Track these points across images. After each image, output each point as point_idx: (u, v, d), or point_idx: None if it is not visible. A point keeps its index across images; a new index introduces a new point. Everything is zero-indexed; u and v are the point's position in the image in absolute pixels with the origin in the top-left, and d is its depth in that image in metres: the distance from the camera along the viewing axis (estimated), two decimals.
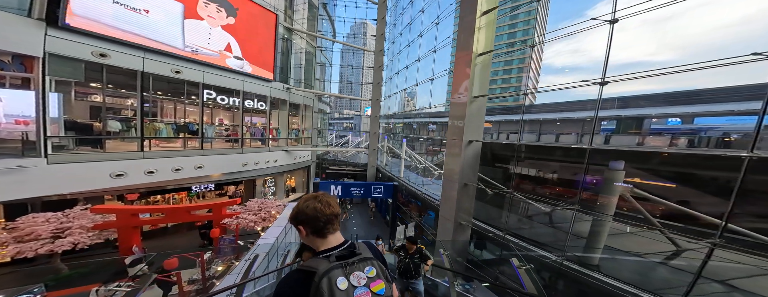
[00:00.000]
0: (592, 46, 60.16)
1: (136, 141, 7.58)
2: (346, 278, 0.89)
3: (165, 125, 8.34)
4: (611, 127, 17.30)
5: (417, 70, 14.49)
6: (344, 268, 0.91)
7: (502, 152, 7.68)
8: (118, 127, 7.26)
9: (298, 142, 16.26)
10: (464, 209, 7.36)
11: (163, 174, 7.92)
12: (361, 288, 0.89)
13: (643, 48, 35.74)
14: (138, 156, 7.47)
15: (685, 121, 14.61)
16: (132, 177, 7.23)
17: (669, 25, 40.62)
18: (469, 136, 7.08)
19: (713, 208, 3.70)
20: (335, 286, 0.84)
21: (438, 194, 11.07)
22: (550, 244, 5.81)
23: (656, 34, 35.32)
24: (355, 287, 0.88)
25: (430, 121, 31.24)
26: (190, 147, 9.38)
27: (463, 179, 7.21)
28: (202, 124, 9.33)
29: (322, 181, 9.13)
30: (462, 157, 7.10)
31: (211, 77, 9.92)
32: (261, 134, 12.67)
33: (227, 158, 10.23)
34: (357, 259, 0.96)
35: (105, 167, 6.77)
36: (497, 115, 24.89)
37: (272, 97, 13.31)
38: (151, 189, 8.96)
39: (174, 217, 7.07)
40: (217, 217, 7.64)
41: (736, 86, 9.81)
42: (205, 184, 9.97)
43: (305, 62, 18.00)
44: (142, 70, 7.76)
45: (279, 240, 7.04)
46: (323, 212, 0.96)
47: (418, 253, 3.65)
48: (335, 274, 0.88)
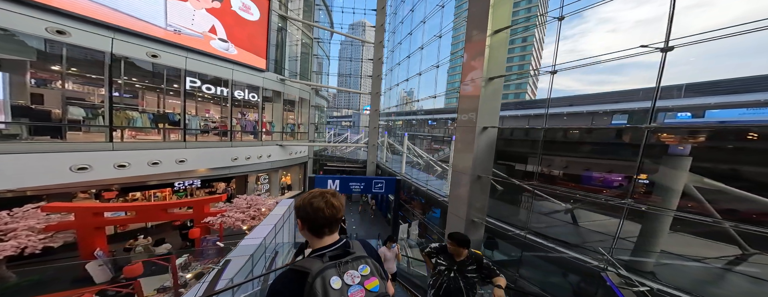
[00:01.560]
0: (590, 46, 59.28)
1: (105, 131, 6.61)
2: (340, 277, 0.87)
3: (140, 114, 7.38)
4: (623, 120, 16.42)
5: (420, 58, 13.54)
6: (338, 267, 0.89)
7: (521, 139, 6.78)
8: (82, 114, 6.29)
9: (293, 136, 15.30)
10: (477, 205, 6.45)
11: (138, 168, 6.96)
12: (356, 286, 0.87)
13: (633, 49, 35.35)
14: (106, 147, 6.50)
15: (696, 114, 13.73)
16: (99, 171, 6.27)
17: (664, 25, 40.25)
18: (484, 121, 6.17)
19: None
20: (329, 285, 0.83)
21: (442, 190, 10.20)
22: (582, 246, 4.91)
23: (653, 33, 34.89)
24: (349, 286, 0.87)
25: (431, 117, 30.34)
26: (171, 139, 8.42)
27: (476, 171, 6.29)
28: (185, 113, 8.37)
29: (318, 176, 8.20)
30: (475, 146, 6.19)
31: (195, 64, 8.95)
32: (253, 127, 11.71)
33: (214, 152, 9.27)
34: (351, 258, 0.94)
35: (65, 159, 5.81)
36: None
37: (265, 89, 12.35)
38: (128, 185, 8.00)
39: (146, 216, 6.14)
40: (199, 215, 6.71)
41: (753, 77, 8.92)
42: (190, 180, 9.02)
43: (301, 54, 17.05)
44: (110, 52, 6.79)
45: (268, 240, 6.11)
46: (323, 214, 0.95)
47: (474, 264, 2.21)
48: (329, 273, 0.86)
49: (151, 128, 7.64)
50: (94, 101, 7.14)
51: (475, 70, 6.22)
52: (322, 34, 19.80)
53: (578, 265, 4.60)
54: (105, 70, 6.73)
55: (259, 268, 5.24)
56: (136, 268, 4.21)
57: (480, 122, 6.15)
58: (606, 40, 41.74)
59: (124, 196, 8.65)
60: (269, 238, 6.28)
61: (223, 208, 7.39)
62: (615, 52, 3.92)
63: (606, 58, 4.10)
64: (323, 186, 8.22)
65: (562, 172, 6.66)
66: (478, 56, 6.13)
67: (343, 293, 0.84)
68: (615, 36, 43.95)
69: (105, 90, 6.68)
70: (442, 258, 2.29)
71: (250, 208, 7.88)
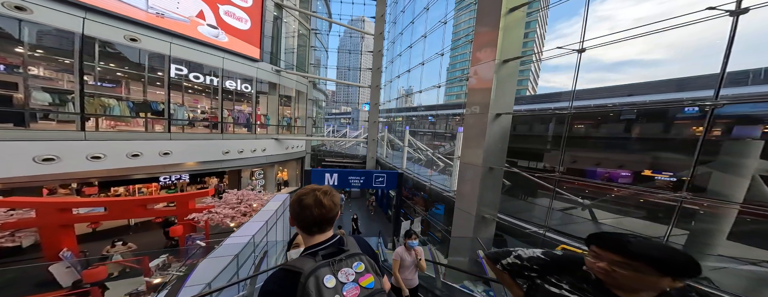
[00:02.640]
0: (588, 43, 58.27)
1: (76, 119, 5.92)
2: (334, 276, 0.84)
3: (118, 102, 6.68)
4: (631, 116, 15.75)
5: (423, 47, 12.82)
6: (331, 265, 0.85)
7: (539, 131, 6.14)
8: (48, 99, 5.59)
9: (290, 130, 14.62)
10: (488, 199, 5.83)
11: (114, 160, 6.29)
12: (350, 284, 0.84)
13: (634, 48, 35.09)
14: (77, 136, 5.82)
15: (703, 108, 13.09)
16: (68, 162, 5.60)
17: (658, 26, 39.84)
18: (498, 107, 5.52)
19: None
20: (322, 284, 0.80)
21: (446, 186, 9.59)
22: None
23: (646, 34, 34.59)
24: (344, 284, 0.83)
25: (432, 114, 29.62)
26: (156, 130, 7.74)
27: (487, 162, 5.66)
28: (169, 102, 7.67)
29: (314, 169, 7.56)
30: (487, 135, 5.55)
31: (181, 50, 8.22)
32: (246, 120, 11.02)
33: (204, 145, 8.59)
34: (344, 255, 0.89)
35: (27, 149, 5.13)
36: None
37: (259, 80, 11.64)
38: (109, 179, 7.33)
39: (120, 212, 5.49)
40: (182, 211, 6.06)
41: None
42: (178, 174, 8.35)
43: (298, 47, 16.29)
44: (81, 33, 6.07)
45: (257, 238, 5.49)
46: (311, 212, 0.90)
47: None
48: (322, 272, 0.82)
49: (130, 117, 6.94)
50: (63, 87, 6.42)
51: (488, 53, 5.56)
52: (321, 25, 19.00)
53: None
54: (75, 54, 6.02)
55: (246, 270, 4.62)
56: (98, 271, 3.59)
57: (493, 108, 5.51)
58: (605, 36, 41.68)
59: (106, 191, 7.99)
60: (260, 236, 5.65)
61: (211, 204, 6.74)
62: (673, 18, 3.22)
63: (659, 27, 3.39)
64: (320, 179, 7.59)
65: (586, 166, 6.03)
66: (491, 37, 5.47)
67: (338, 291, 0.81)
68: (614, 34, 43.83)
69: (75, 74, 5.98)
70: (568, 287, 0.91)
71: (241, 203, 7.24)
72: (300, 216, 0.90)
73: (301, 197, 0.91)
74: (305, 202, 0.90)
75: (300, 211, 0.90)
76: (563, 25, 61.91)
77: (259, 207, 6.99)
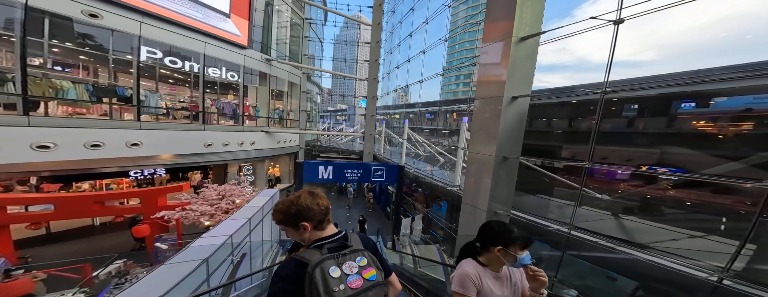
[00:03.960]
0: (577, 45, 57.96)
1: (17, 101, 4.94)
2: (339, 267, 0.88)
3: (74, 84, 5.69)
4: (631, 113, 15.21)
5: (424, 33, 11.98)
6: (336, 258, 0.90)
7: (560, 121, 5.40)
8: None
9: (282, 124, 13.68)
10: (501, 193, 5.08)
11: (68, 151, 5.33)
12: (354, 275, 0.89)
13: (626, 49, 35.21)
14: (18, 122, 4.85)
15: (701, 103, 12.59)
16: (6, 152, 4.63)
17: (649, 28, 39.96)
18: (514, 89, 4.75)
19: None
20: (328, 274, 0.85)
21: (448, 181, 8.84)
22: (651, 246, 3.60)
23: (637, 35, 34.73)
24: (347, 275, 0.88)
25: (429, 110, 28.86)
26: (125, 118, 6.77)
27: (501, 151, 4.90)
28: (138, 86, 6.70)
29: (307, 161, 6.72)
30: (501, 120, 4.78)
31: (154, 31, 7.24)
32: (233, 110, 10.07)
33: (182, 136, 7.63)
34: (349, 251, 0.95)
35: None
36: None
37: (247, 68, 10.66)
38: (67, 174, 6.34)
39: (70, 210, 4.58)
40: (150, 208, 5.16)
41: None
42: (151, 168, 7.39)
43: (290, 38, 15.30)
44: (24, 3, 5.07)
45: (237, 239, 4.63)
46: (321, 206, 0.98)
47: None
48: (327, 264, 0.87)
49: (88, 102, 5.96)
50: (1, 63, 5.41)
51: (503, 29, 4.78)
52: (316, 15, 17.97)
53: (651, 270, 3.31)
54: (16, 26, 5.02)
55: (218, 278, 3.78)
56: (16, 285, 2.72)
57: (508, 91, 4.73)
58: (598, 39, 40.77)
59: (69, 188, 7.00)
60: (240, 236, 4.80)
61: (186, 201, 5.85)
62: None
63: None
64: (313, 172, 6.75)
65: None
66: (506, 11, 4.69)
67: (342, 281, 0.85)
68: (606, 35, 43.01)
69: (17, 51, 4.98)
70: None
71: (222, 199, 6.36)
72: (317, 212, 0.96)
73: (307, 200, 0.96)
74: (316, 202, 0.97)
75: (317, 209, 0.96)
76: (556, 23, 61.68)
77: (242, 203, 6.13)
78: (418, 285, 5.50)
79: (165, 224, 5.15)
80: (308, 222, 0.95)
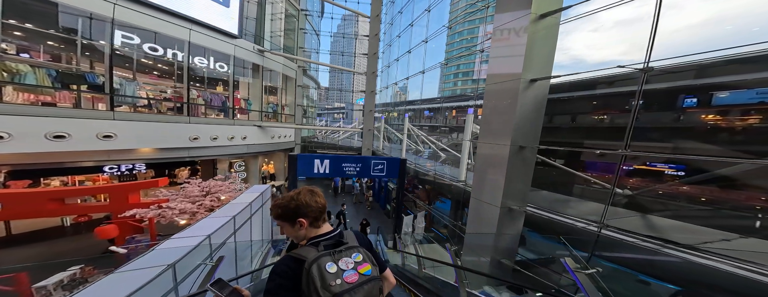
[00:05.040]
0: (571, 45, 57.39)
1: None
2: (335, 264, 0.89)
3: (34, 68, 4.99)
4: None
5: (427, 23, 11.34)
6: (332, 255, 0.91)
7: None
8: None
9: (277, 119, 13.00)
10: (516, 188, 4.51)
11: (26, 141, 4.65)
12: (350, 271, 0.90)
13: (616, 48, 35.28)
14: None
15: (702, 99, 12.11)
16: None
17: (639, 27, 40.30)
18: (532, 71, 4.17)
19: None
20: (325, 270, 0.86)
21: (453, 176, 8.25)
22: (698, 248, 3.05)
23: (627, 35, 34.86)
24: (344, 270, 0.89)
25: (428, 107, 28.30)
26: (99, 108, 6.07)
27: (517, 140, 4.32)
28: (111, 74, 6.01)
29: (301, 154, 6.09)
30: (517, 105, 4.20)
31: (130, 14, 6.52)
32: (222, 103, 9.38)
33: (163, 128, 6.95)
34: (344, 247, 0.96)
35: None
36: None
37: (238, 59, 9.96)
38: (29, 168, 5.65)
39: (21, 208, 3.93)
40: (119, 206, 4.51)
41: None
42: (129, 163, 6.70)
43: (285, 30, 14.57)
44: None
45: (218, 239, 4.01)
46: (319, 203, 1.00)
47: None
48: (324, 260, 0.88)
49: (51, 88, 5.25)
50: None
51: (519, 6, 4.19)
52: (312, 6, 17.21)
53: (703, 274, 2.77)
54: None
55: (188, 288, 3.15)
56: None
57: (526, 73, 4.15)
58: (591, 39, 39.29)
59: (37, 184, 6.30)
60: (221, 236, 4.16)
61: (165, 198, 5.20)
62: None
63: None
64: (308, 165, 6.13)
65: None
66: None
67: (339, 276, 0.86)
68: (599, 36, 41.87)
69: None
70: None
71: (206, 196, 5.71)
72: (314, 210, 0.97)
73: (306, 197, 0.97)
74: (314, 199, 0.98)
75: (315, 206, 0.97)
76: None
77: (228, 200, 5.49)
78: (423, 287, 4.94)
79: (136, 224, 4.51)
80: (305, 218, 0.97)
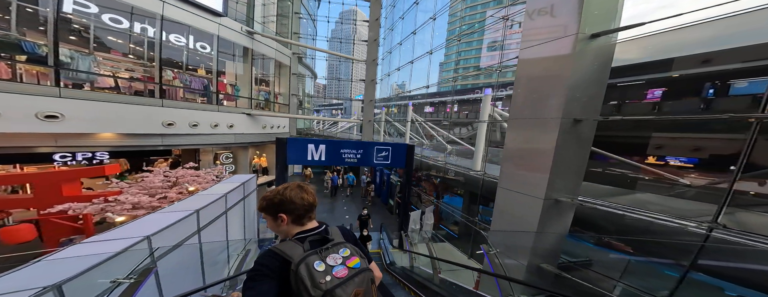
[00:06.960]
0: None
1: None
2: (323, 261, 0.86)
3: None
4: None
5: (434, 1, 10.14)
6: (319, 253, 0.88)
7: None
8: None
9: (269, 108, 11.83)
10: (568, 174, 3.45)
11: None
12: (338, 266, 0.87)
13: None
14: None
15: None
16: None
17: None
18: (595, 24, 3.07)
19: None
20: (313, 269, 0.83)
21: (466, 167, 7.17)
22: None
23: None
24: (332, 266, 0.86)
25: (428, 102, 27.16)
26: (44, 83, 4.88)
27: (571, 111, 3.24)
28: (56, 44, 4.81)
29: (292, 138, 4.98)
30: (571, 69, 3.11)
31: None
32: (204, 87, 8.20)
33: (127, 110, 5.76)
34: (331, 244, 0.93)
35: None
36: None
37: (222, 39, 8.74)
38: None
39: None
40: (44, 199, 3.38)
41: None
42: (86, 151, 5.51)
43: (278, 15, 13.32)
44: None
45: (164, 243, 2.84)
46: (306, 200, 0.95)
47: None
48: (311, 259, 0.85)
49: None
50: None
51: None
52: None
53: None
54: None
55: None
56: None
57: (586, 26, 3.04)
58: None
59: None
60: (172, 237, 3.01)
61: (116, 190, 4.06)
62: None
63: None
64: (300, 150, 5.03)
65: None
66: None
67: (328, 273, 0.84)
68: None
69: None
70: None
71: (172, 188, 4.58)
72: (299, 206, 0.93)
73: (293, 192, 0.94)
74: (300, 195, 0.93)
75: (300, 202, 0.93)
76: None
77: (196, 189, 4.37)
78: (439, 295, 3.89)
79: (69, 224, 3.39)
80: (287, 214, 0.94)
